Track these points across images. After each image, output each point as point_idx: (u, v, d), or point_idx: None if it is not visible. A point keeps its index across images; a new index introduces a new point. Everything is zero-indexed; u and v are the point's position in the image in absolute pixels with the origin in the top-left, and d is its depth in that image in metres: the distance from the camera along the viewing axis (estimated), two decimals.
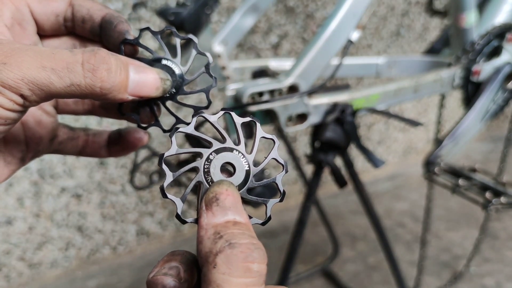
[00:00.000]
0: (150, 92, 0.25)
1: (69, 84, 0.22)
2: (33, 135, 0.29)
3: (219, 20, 1.30)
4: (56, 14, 0.28)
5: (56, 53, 0.22)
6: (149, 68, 0.25)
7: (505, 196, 0.72)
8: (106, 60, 0.23)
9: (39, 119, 0.30)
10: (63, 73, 0.21)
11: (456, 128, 0.78)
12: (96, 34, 0.29)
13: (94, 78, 0.22)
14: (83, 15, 0.28)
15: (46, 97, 0.22)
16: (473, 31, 0.82)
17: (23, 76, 0.21)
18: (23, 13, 0.27)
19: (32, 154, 0.30)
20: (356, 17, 0.65)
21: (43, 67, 0.21)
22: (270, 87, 0.63)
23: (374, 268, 1.28)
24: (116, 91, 0.23)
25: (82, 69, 0.22)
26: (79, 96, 0.22)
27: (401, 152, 2.00)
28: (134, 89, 0.24)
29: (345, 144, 0.68)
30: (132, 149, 0.33)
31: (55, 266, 1.32)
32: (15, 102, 0.21)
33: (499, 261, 1.27)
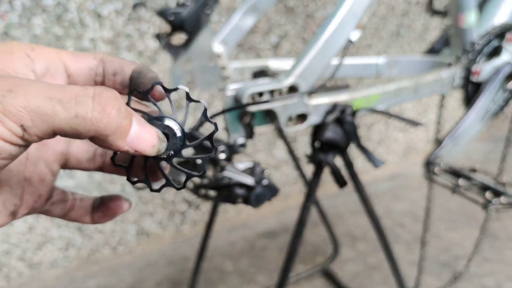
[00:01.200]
0: (146, 149, 0.24)
1: (74, 116, 0.21)
2: (34, 192, 0.29)
3: (219, 20, 1.30)
4: (90, 68, 0.29)
5: (66, 87, 0.21)
6: (150, 126, 0.25)
7: (505, 196, 0.72)
8: (118, 100, 0.22)
9: (43, 177, 0.29)
10: (69, 104, 0.21)
11: (456, 128, 0.78)
12: (125, 86, 0.29)
13: (102, 113, 0.21)
14: (115, 68, 0.29)
15: (47, 131, 0.21)
16: (473, 31, 0.82)
17: (27, 104, 0.20)
18: (57, 66, 0.28)
19: (27, 211, 0.29)
20: (356, 17, 0.65)
21: (50, 97, 0.20)
22: (270, 87, 0.63)
23: (374, 268, 1.28)
24: (118, 135, 0.22)
25: (92, 102, 0.21)
26: (81, 132, 0.21)
27: (401, 152, 2.00)
28: (132, 141, 0.23)
29: (345, 144, 0.68)
30: (112, 216, 0.33)
31: (55, 266, 1.32)
32: (14, 133, 0.20)
33: (499, 261, 1.27)
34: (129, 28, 1.19)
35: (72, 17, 1.11)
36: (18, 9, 1.04)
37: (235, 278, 1.27)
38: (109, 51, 1.18)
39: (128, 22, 1.18)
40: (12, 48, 0.26)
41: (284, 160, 1.63)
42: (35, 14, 1.06)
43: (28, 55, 0.26)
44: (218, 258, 1.37)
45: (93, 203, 0.33)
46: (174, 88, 0.27)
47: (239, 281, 1.26)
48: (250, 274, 1.29)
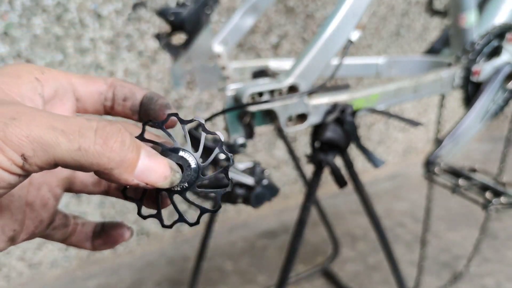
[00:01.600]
0: (158, 181, 0.23)
1: (77, 148, 0.20)
2: (35, 218, 0.28)
3: (219, 20, 1.30)
4: (99, 92, 0.28)
5: (70, 118, 0.21)
6: (160, 156, 0.24)
7: (505, 196, 0.72)
8: (122, 133, 0.22)
9: (46, 202, 0.29)
10: (73, 136, 0.20)
11: (456, 128, 0.78)
12: (135, 112, 0.29)
13: (105, 146, 0.21)
14: (125, 93, 0.29)
15: (48, 162, 0.20)
16: (473, 31, 0.82)
17: (29, 133, 0.19)
18: (66, 89, 0.27)
19: (26, 236, 0.28)
20: (356, 17, 0.65)
21: (54, 127, 0.20)
22: (270, 87, 0.63)
23: (374, 268, 1.28)
24: (124, 168, 0.22)
25: (95, 135, 0.21)
26: (83, 164, 0.21)
27: (401, 152, 2.00)
28: (141, 173, 0.23)
29: (345, 144, 0.68)
30: (113, 244, 0.32)
31: (55, 266, 1.32)
32: (14, 162, 0.20)
33: (499, 261, 1.27)
34: (129, 28, 1.19)
35: (72, 17, 1.11)
36: (18, 9, 1.04)
37: (235, 278, 1.27)
38: (109, 51, 1.18)
39: (128, 22, 1.18)
40: (21, 71, 0.25)
41: (284, 160, 1.63)
42: (35, 14, 1.06)
43: (37, 78, 0.25)
44: (218, 258, 1.37)
45: (95, 228, 0.32)
46: (190, 120, 0.26)
47: (239, 281, 1.26)
48: (250, 274, 1.29)
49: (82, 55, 1.15)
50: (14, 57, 1.07)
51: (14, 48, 1.06)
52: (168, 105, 0.28)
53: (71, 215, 0.32)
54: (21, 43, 1.07)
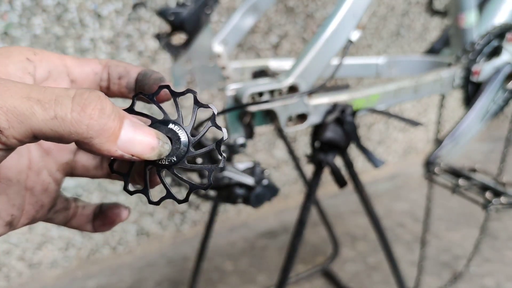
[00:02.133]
0: (144, 152, 0.22)
1: (53, 117, 0.19)
2: (36, 202, 0.27)
3: (219, 20, 1.30)
4: (94, 72, 0.28)
5: (48, 88, 0.20)
6: (147, 127, 0.23)
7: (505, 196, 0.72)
8: (102, 100, 0.20)
9: (47, 187, 0.28)
10: (49, 104, 0.19)
11: (456, 128, 0.78)
12: (131, 89, 0.29)
13: (83, 114, 0.20)
14: (120, 72, 0.28)
15: (26, 134, 0.19)
16: (473, 31, 0.82)
17: (3, 104, 0.18)
18: (60, 71, 0.27)
19: (27, 221, 0.27)
20: (356, 17, 0.65)
21: (29, 97, 0.19)
22: (270, 87, 0.63)
23: (374, 268, 1.28)
24: (105, 137, 0.20)
25: (71, 102, 0.20)
26: (62, 134, 0.20)
27: (401, 152, 2.00)
28: (125, 144, 0.21)
29: (345, 144, 0.68)
30: (111, 224, 0.32)
31: (55, 266, 1.32)
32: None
33: (499, 261, 1.27)
34: (129, 28, 1.19)
35: (72, 17, 1.11)
36: (18, 9, 1.04)
37: (235, 278, 1.27)
38: (109, 51, 1.18)
39: (128, 22, 1.18)
40: (12, 51, 0.25)
41: (284, 160, 1.63)
42: (35, 14, 1.06)
43: (28, 58, 0.25)
44: (218, 258, 1.37)
45: (94, 210, 0.32)
46: (182, 92, 0.25)
47: (239, 281, 1.26)
48: (250, 274, 1.29)
49: (82, 55, 1.15)
50: None
51: None
52: (162, 79, 0.28)
53: (72, 198, 0.32)
54: (21, 43, 1.07)
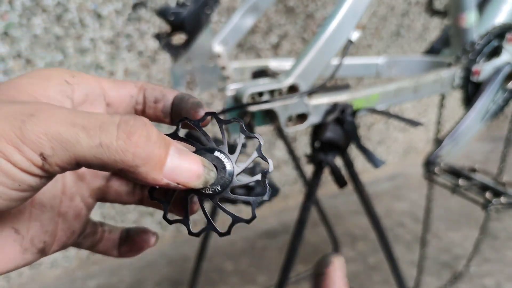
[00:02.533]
0: (190, 180, 0.21)
1: (98, 144, 0.19)
2: (68, 229, 0.27)
3: (219, 20, 1.30)
4: (130, 95, 0.28)
5: (92, 114, 0.20)
6: (192, 154, 0.22)
7: (505, 196, 0.72)
8: (147, 127, 0.20)
9: (79, 212, 0.27)
10: (93, 131, 0.19)
11: (456, 128, 0.78)
12: (167, 114, 0.28)
13: (128, 142, 0.19)
14: (156, 95, 0.28)
15: (70, 161, 0.19)
16: (473, 31, 0.82)
17: (47, 130, 0.18)
18: (97, 94, 0.26)
19: (59, 248, 0.27)
20: (356, 17, 0.65)
21: (73, 123, 0.19)
22: (270, 87, 0.63)
23: (374, 268, 1.28)
24: (151, 165, 0.20)
25: (117, 130, 0.19)
26: (107, 162, 0.19)
27: (401, 152, 2.00)
28: (172, 172, 0.21)
29: (345, 144, 0.68)
30: (139, 251, 0.31)
31: (55, 266, 1.32)
32: (32, 162, 0.18)
33: (499, 261, 1.27)
34: (129, 28, 1.19)
35: (72, 17, 1.11)
36: (18, 9, 1.04)
37: (235, 278, 1.27)
38: (109, 51, 1.18)
39: (128, 22, 1.18)
40: (51, 74, 0.24)
41: (284, 160, 1.63)
42: (35, 14, 1.06)
43: (67, 81, 0.25)
44: (218, 258, 1.37)
45: (121, 235, 0.31)
46: (228, 120, 0.24)
47: (239, 281, 1.26)
48: (250, 274, 1.29)
49: (82, 55, 1.15)
50: (14, 57, 1.07)
51: (14, 48, 1.06)
52: (200, 104, 0.27)
53: (99, 222, 0.31)
54: (21, 43, 1.07)
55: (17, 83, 0.23)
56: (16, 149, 0.18)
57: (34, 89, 0.23)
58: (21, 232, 0.23)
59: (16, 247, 0.23)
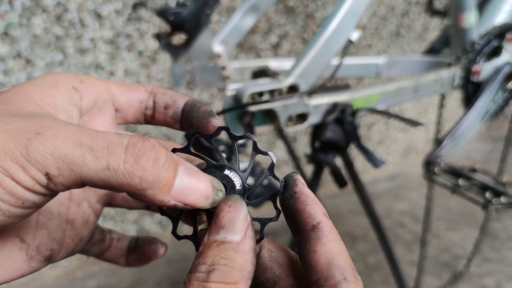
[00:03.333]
0: (198, 201, 0.21)
1: (105, 167, 0.18)
2: (76, 235, 0.26)
3: (219, 20, 1.30)
4: (140, 101, 0.27)
5: (100, 133, 0.19)
6: (202, 173, 0.21)
7: (505, 196, 0.72)
8: (156, 149, 0.19)
9: (87, 219, 0.27)
10: (101, 153, 0.18)
11: (456, 128, 0.78)
12: (177, 120, 0.27)
13: (136, 166, 0.19)
14: (166, 101, 0.27)
15: (75, 182, 0.19)
16: (473, 31, 0.82)
17: (54, 150, 0.18)
18: (106, 100, 0.26)
19: (66, 255, 0.26)
20: (356, 17, 0.65)
21: (80, 144, 0.18)
22: (270, 87, 0.63)
23: (374, 268, 1.28)
24: (158, 188, 0.19)
25: (124, 153, 0.19)
26: (113, 185, 0.19)
27: (401, 152, 2.00)
28: (179, 193, 0.20)
29: (345, 144, 0.68)
30: (147, 261, 0.30)
31: (55, 266, 1.32)
32: (37, 182, 0.18)
33: (499, 261, 1.27)
34: (129, 28, 1.19)
35: (72, 17, 1.11)
36: (18, 9, 1.04)
37: None
38: (109, 51, 1.18)
39: (128, 22, 1.18)
40: (58, 80, 0.24)
41: (284, 160, 1.63)
42: (35, 14, 1.06)
43: (75, 87, 0.24)
44: None
45: (129, 244, 0.31)
46: (241, 136, 0.23)
47: None
48: None
49: (82, 55, 1.15)
50: (14, 57, 1.07)
51: (14, 48, 1.06)
52: (212, 113, 0.26)
53: (107, 230, 0.30)
54: (21, 43, 1.07)
55: (23, 91, 0.22)
56: (21, 168, 0.18)
57: (41, 97, 0.22)
58: (27, 241, 0.23)
59: (21, 255, 0.23)
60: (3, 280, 0.22)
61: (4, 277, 0.22)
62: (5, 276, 0.22)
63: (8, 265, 0.22)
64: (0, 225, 0.19)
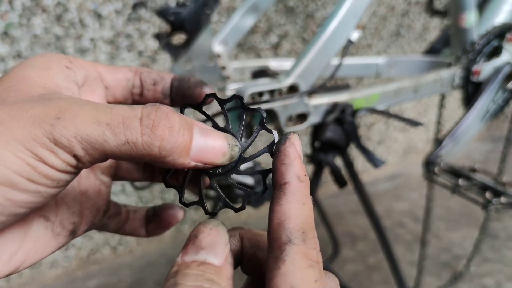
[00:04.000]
0: (216, 159, 0.22)
1: (124, 142, 0.19)
2: (92, 206, 0.27)
3: (219, 20, 1.30)
4: (127, 79, 0.28)
5: (113, 108, 0.20)
6: (216, 132, 0.22)
7: (505, 196, 0.72)
8: (169, 117, 0.20)
9: (99, 189, 0.28)
10: (118, 129, 0.19)
11: (456, 128, 0.78)
12: (167, 95, 0.28)
13: (153, 136, 0.19)
14: (154, 78, 0.28)
15: (100, 157, 0.20)
16: (473, 31, 0.82)
17: (77, 133, 0.19)
18: (95, 77, 0.27)
19: (87, 227, 0.27)
20: (356, 17, 0.65)
21: (98, 122, 0.19)
22: (270, 87, 0.63)
23: (374, 268, 1.28)
24: (177, 153, 0.20)
25: (140, 125, 0.19)
26: (135, 157, 0.20)
27: (401, 152, 2.00)
28: (197, 154, 0.21)
29: (345, 144, 0.68)
30: (167, 227, 0.31)
31: (55, 266, 1.32)
32: (68, 163, 0.19)
33: (499, 261, 1.27)
34: (129, 28, 1.19)
35: (72, 17, 1.11)
36: (18, 9, 1.04)
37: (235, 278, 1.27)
38: (109, 51, 1.18)
39: (128, 22, 1.18)
40: (50, 62, 0.25)
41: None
42: (35, 14, 1.06)
43: (67, 67, 0.25)
44: None
45: (146, 214, 0.31)
46: (229, 98, 0.24)
47: (239, 281, 1.26)
48: None
49: (82, 55, 1.15)
50: (14, 57, 1.07)
51: (14, 48, 1.06)
52: (203, 82, 0.27)
53: (122, 204, 0.31)
54: (21, 43, 1.07)
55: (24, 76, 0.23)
56: (51, 153, 0.19)
57: (43, 80, 0.23)
58: (50, 218, 0.24)
59: (48, 233, 0.24)
60: (35, 260, 0.23)
61: (36, 257, 0.23)
62: (36, 256, 0.23)
63: (38, 246, 0.23)
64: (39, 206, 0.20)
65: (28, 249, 0.23)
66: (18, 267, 0.22)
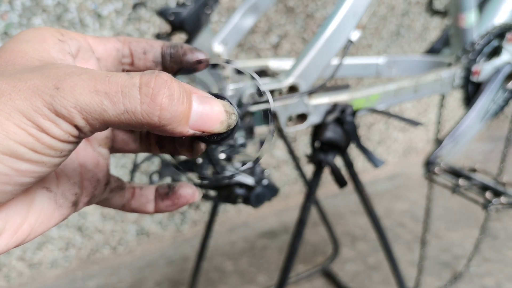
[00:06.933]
0: (214, 127, 0.22)
1: (123, 111, 0.19)
2: (92, 178, 0.28)
3: (219, 20, 1.30)
4: (116, 49, 0.28)
5: (111, 76, 0.20)
6: (214, 99, 0.22)
7: (505, 196, 0.72)
8: (168, 85, 0.20)
9: (97, 160, 0.28)
10: (116, 98, 0.19)
11: (456, 128, 0.78)
12: (158, 63, 0.28)
13: (152, 105, 0.19)
14: (143, 46, 0.28)
15: (101, 127, 0.20)
16: (473, 31, 0.82)
17: (76, 103, 0.19)
18: (86, 49, 0.27)
19: (88, 199, 0.28)
20: (356, 17, 0.65)
21: (96, 91, 0.19)
22: (270, 87, 0.63)
23: (374, 268, 1.28)
24: (177, 122, 0.20)
25: (139, 94, 0.19)
26: (134, 125, 0.20)
27: (401, 152, 2.00)
28: (196, 122, 0.21)
29: (345, 144, 0.68)
30: (183, 204, 0.31)
31: (55, 266, 1.32)
32: (70, 134, 0.20)
33: (499, 261, 1.27)
34: (129, 28, 1.19)
35: (72, 17, 1.11)
36: (18, 9, 1.04)
37: (235, 278, 1.27)
38: None
39: (128, 22, 1.18)
40: (44, 35, 0.25)
41: (284, 160, 1.63)
42: (35, 14, 1.06)
43: (60, 39, 0.25)
44: (218, 258, 1.37)
45: (158, 191, 0.31)
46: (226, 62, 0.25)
47: (239, 281, 1.26)
48: (250, 274, 1.29)
49: None
50: None
51: None
52: (195, 47, 0.28)
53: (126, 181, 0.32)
54: None
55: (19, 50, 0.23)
56: (53, 123, 0.19)
57: (39, 54, 0.23)
58: (52, 190, 0.25)
59: (51, 204, 0.25)
60: (40, 232, 0.24)
61: (42, 228, 0.24)
62: (42, 227, 0.24)
63: (43, 217, 0.24)
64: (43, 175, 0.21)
65: (34, 220, 0.23)
66: (24, 239, 0.23)
